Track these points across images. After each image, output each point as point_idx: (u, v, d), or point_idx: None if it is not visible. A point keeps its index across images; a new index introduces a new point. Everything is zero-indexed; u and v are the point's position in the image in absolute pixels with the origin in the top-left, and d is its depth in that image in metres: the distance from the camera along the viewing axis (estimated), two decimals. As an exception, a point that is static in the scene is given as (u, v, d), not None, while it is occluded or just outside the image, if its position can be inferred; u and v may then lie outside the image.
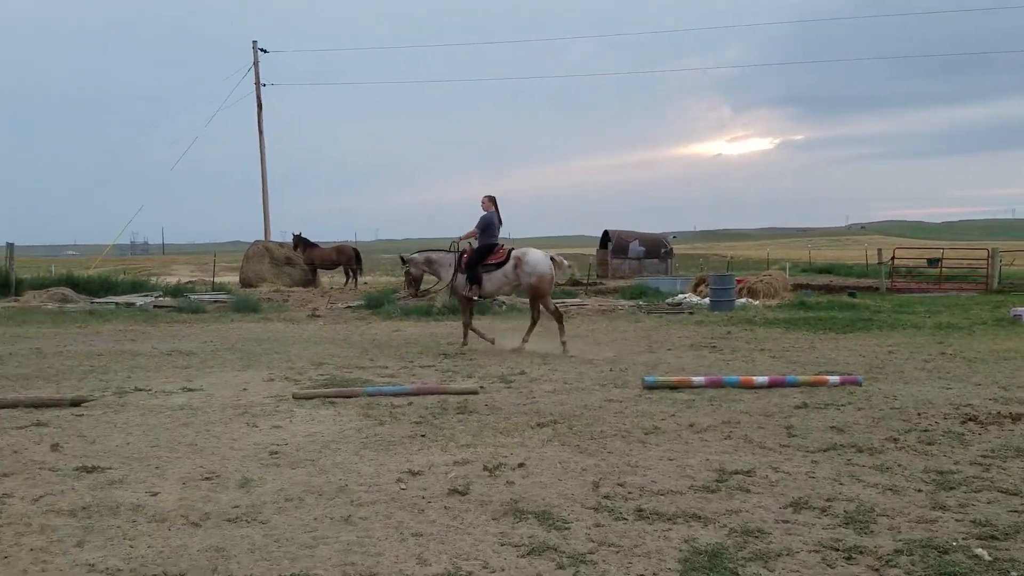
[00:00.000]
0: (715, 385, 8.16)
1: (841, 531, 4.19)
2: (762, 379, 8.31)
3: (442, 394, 7.87)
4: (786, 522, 4.33)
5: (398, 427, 6.57)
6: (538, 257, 11.51)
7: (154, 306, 18.75)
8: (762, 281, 21.97)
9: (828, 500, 4.68)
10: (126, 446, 5.97)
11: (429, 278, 12.87)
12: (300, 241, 29.01)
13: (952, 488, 4.88)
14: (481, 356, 10.86)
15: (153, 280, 26.65)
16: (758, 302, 20.07)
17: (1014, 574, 3.62)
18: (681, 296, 21.68)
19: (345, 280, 28.78)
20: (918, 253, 35.40)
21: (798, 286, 24.57)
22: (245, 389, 8.34)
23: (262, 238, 32.82)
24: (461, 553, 3.91)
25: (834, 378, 8.36)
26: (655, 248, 39.72)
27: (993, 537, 4.07)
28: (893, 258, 28.34)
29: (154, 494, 4.82)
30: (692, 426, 6.58)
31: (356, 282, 28.10)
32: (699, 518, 4.39)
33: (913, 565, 3.73)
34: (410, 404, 7.43)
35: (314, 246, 29.24)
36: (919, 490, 4.85)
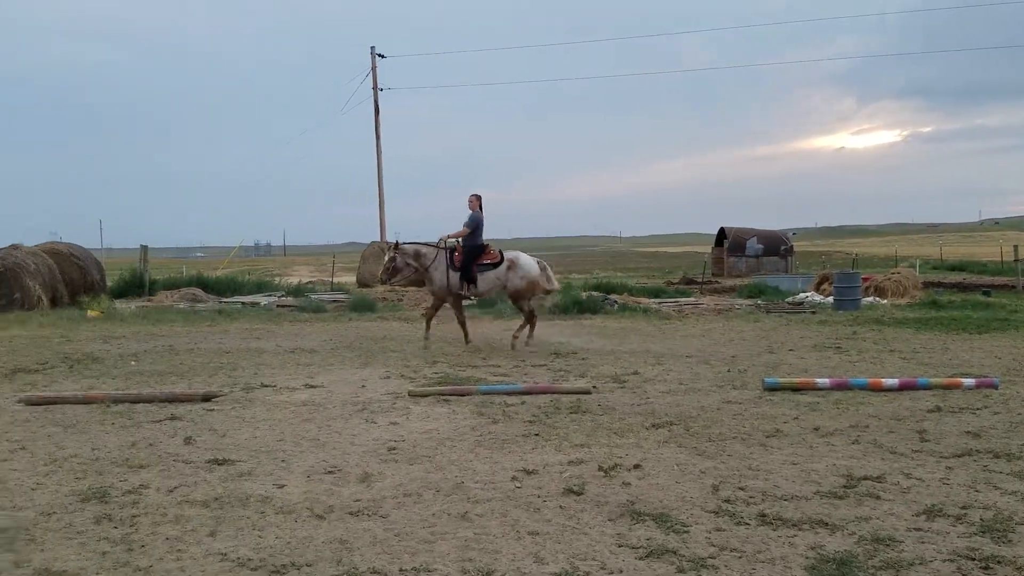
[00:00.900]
0: (841, 387, 7.86)
1: (977, 540, 3.99)
2: (892, 381, 7.96)
3: (555, 393, 7.86)
4: (919, 530, 4.15)
5: (512, 426, 6.59)
6: (531, 262, 11.99)
7: (277, 305, 19.49)
8: (890, 279, 21.09)
9: (963, 508, 4.46)
10: (253, 440, 6.22)
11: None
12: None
13: (1108, 501, 4.52)
14: (593, 356, 10.78)
15: (276, 281, 27.74)
16: (886, 301, 19.25)
17: None
18: (803, 295, 20.98)
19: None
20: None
21: (928, 284, 23.45)
22: (363, 386, 8.56)
23: (378, 239, 33.66)
24: (578, 553, 3.88)
25: (969, 381, 7.98)
26: (774, 245, 38.58)
27: None
28: (1031, 255, 26.54)
29: (280, 486, 4.99)
30: (817, 430, 6.34)
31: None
32: (826, 525, 4.23)
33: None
34: (523, 403, 7.45)
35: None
36: (1068, 501, 4.53)
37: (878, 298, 19.64)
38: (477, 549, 3.94)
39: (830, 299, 18.76)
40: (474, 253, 11.74)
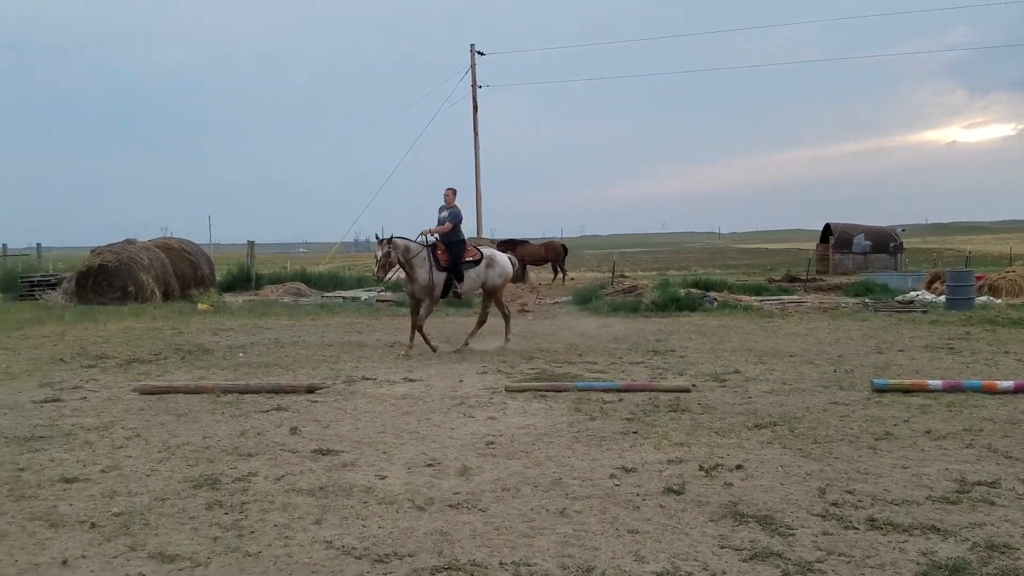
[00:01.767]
0: (954, 389, 7.51)
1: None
2: (1007, 384, 7.56)
3: (653, 391, 7.77)
4: (1037, 538, 3.92)
5: (609, 423, 6.55)
6: (506, 259, 11.95)
7: (377, 300, 19.93)
8: (1005, 278, 19.98)
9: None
10: (356, 431, 6.38)
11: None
12: (508, 241, 29.76)
13: None
14: (692, 354, 10.61)
15: (375, 276, 28.30)
16: (1000, 301, 18.27)
17: None
18: (913, 293, 20.09)
19: (553, 276, 29.20)
20: None
21: (1048, 283, 22.04)
22: (461, 381, 8.66)
23: (474, 235, 34.01)
24: (679, 553, 3.83)
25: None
26: (883, 242, 37.08)
27: None
28: None
29: (382, 477, 5.10)
30: (928, 433, 6.08)
31: (564, 277, 28.43)
32: (938, 530, 4.07)
33: None
34: (620, 400, 7.39)
35: (523, 243, 29.89)
36: None
37: (992, 297, 18.68)
38: (576, 545, 3.94)
39: (942, 298, 17.93)
40: (459, 250, 11.31)
